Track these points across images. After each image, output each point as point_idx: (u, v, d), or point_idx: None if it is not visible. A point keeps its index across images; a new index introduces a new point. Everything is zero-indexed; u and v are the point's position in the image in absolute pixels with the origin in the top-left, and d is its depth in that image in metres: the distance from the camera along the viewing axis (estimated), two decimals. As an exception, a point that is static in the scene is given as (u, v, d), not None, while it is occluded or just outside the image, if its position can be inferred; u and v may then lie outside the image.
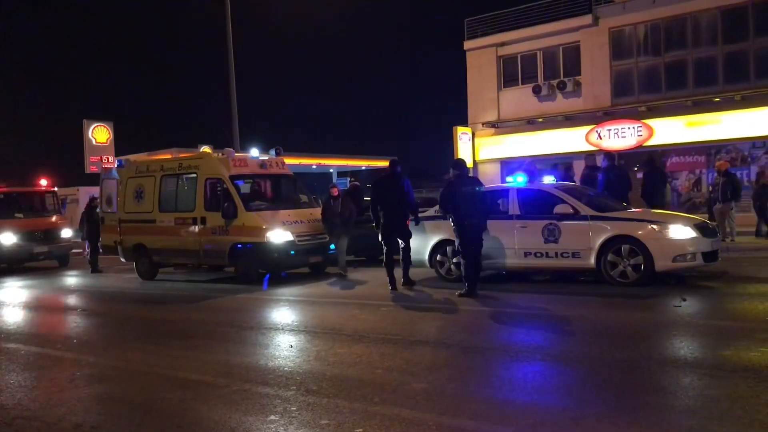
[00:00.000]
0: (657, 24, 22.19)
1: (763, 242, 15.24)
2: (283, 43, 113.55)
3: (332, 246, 13.46)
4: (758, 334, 6.80)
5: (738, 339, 6.73)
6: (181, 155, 18.00)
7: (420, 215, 12.03)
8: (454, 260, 11.51)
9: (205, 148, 15.95)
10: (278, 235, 12.93)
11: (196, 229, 13.96)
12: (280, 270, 13.81)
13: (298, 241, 13.08)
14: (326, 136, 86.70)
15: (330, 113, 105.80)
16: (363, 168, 42.78)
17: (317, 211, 14.09)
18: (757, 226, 16.31)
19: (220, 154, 14.68)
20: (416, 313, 9.45)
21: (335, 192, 13.75)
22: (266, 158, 14.86)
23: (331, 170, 41.96)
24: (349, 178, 20.56)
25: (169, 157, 18.90)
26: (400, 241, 11.59)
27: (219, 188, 13.81)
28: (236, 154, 14.84)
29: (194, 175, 14.30)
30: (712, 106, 20.81)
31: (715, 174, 16.44)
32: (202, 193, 13.98)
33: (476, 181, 11.05)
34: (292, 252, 13.05)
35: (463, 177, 10.74)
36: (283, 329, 8.73)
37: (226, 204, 13.34)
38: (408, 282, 11.54)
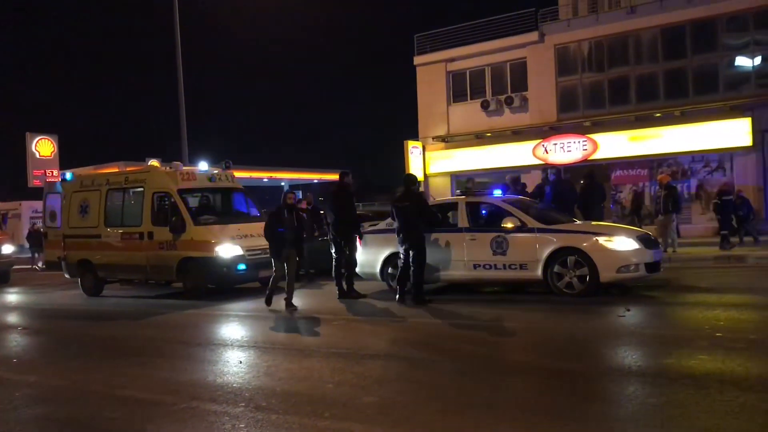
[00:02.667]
0: (600, 41, 22.88)
1: (703, 252, 15.74)
2: (235, 55, 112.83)
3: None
4: (698, 342, 7.01)
5: (679, 347, 6.94)
6: (128, 169, 17.72)
7: (371, 228, 12.17)
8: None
9: (154, 162, 15.73)
10: (227, 250, 12.79)
11: (143, 243, 13.70)
12: (230, 285, 13.63)
13: (248, 255, 12.95)
14: (278, 149, 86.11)
15: (282, 126, 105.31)
16: (315, 181, 42.71)
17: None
18: (739, 235, 17.12)
19: (168, 168, 14.48)
20: (367, 326, 9.46)
21: (291, 199, 11.31)
22: (215, 171, 14.72)
23: (283, 183, 41.81)
24: (308, 194, 20.09)
25: (115, 170, 18.55)
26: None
27: (167, 202, 13.62)
28: (184, 168, 14.65)
29: (141, 189, 14.06)
30: (654, 121, 21.52)
31: (657, 187, 16.95)
32: (149, 207, 13.76)
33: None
34: (242, 266, 12.91)
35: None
36: (232, 345, 8.62)
37: (174, 218, 13.14)
38: (354, 294, 11.64)
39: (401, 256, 10.93)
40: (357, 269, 12.23)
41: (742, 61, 20.71)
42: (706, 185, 21.20)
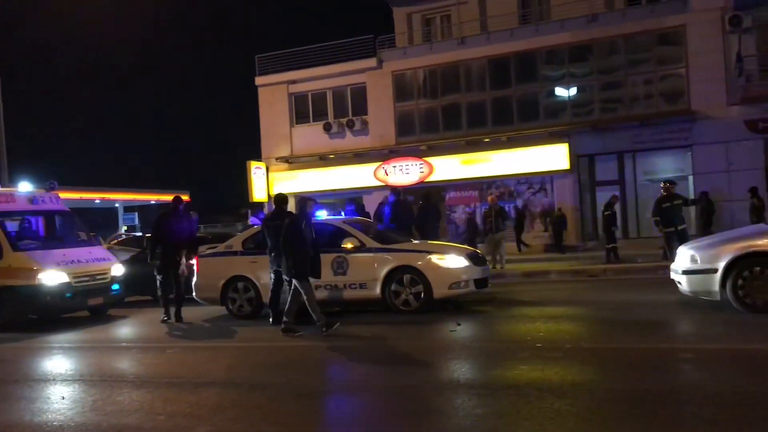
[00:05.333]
0: (435, 69, 24.06)
1: (528, 267, 16.87)
2: (67, 71, 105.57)
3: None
4: (520, 353, 7.52)
5: (504, 359, 7.41)
6: (-65, 190, 16.01)
7: (210, 252, 11.98)
8: (246, 297, 11.49)
9: (-33, 183, 14.37)
10: (51, 277, 11.93)
11: (-49, 273, 12.42)
12: (55, 315, 12.69)
13: (75, 282, 12.16)
14: (113, 169, 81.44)
15: (119, 145, 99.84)
16: (153, 202, 40.94)
17: (97, 250, 13.31)
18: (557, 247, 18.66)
19: (-18, 190, 13.30)
20: (204, 353, 9.20)
21: (311, 207, 9.97)
22: (38, 193, 13.70)
23: (117, 204, 39.71)
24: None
25: None
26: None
27: (-20, 227, 12.47)
28: (2, 189, 13.54)
29: (-50, 213, 12.77)
30: (483, 146, 22.93)
31: (487, 207, 18.02)
32: (-42, 232, 12.50)
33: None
34: (68, 294, 12.10)
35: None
36: (54, 380, 8.01)
37: (-12, 244, 12.06)
38: (179, 319, 11.53)
39: (271, 277, 10.59)
40: (195, 294, 11.92)
41: (560, 92, 22.65)
42: (530, 205, 22.90)
